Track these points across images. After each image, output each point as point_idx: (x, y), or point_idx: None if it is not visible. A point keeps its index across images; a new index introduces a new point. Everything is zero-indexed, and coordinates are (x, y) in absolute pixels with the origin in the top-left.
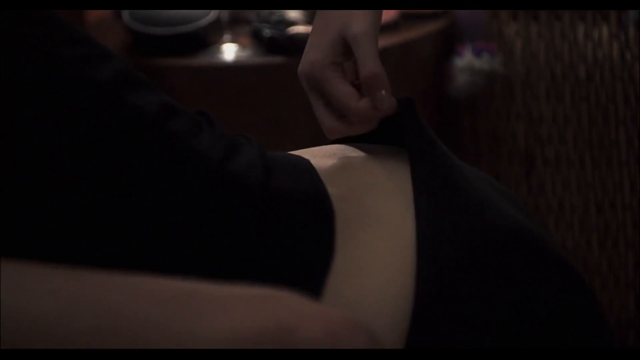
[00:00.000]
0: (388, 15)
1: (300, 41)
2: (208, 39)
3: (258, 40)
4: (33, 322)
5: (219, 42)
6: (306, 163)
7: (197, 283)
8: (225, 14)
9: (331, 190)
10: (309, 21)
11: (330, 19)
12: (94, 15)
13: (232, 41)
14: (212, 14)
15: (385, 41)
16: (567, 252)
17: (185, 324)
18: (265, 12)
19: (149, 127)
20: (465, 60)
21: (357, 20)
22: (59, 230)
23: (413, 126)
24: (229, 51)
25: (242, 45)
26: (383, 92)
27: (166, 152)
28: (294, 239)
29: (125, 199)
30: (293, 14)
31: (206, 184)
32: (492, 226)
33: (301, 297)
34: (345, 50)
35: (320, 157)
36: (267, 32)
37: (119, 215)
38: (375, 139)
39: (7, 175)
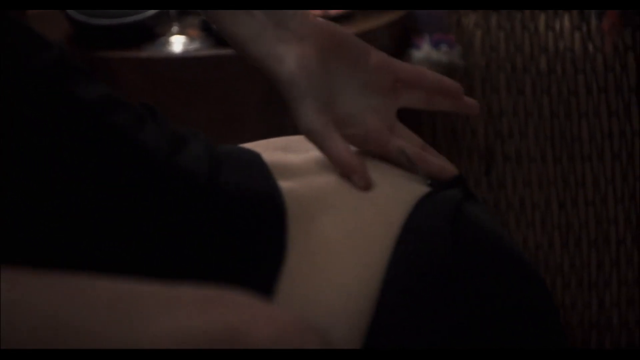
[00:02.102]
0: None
1: None
2: (155, 30)
3: (207, 32)
4: None
5: (166, 33)
6: (256, 156)
7: (138, 283)
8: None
9: (283, 184)
10: None
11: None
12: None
13: (180, 32)
14: None
15: None
16: (528, 252)
17: (125, 328)
18: None
19: (88, 119)
20: (423, 52)
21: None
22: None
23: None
24: (177, 43)
25: (190, 37)
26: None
27: (107, 146)
28: (244, 236)
29: (60, 196)
30: None
31: (151, 180)
32: (468, 226)
33: (250, 298)
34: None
35: (273, 149)
36: None
37: (55, 212)
38: None
39: None
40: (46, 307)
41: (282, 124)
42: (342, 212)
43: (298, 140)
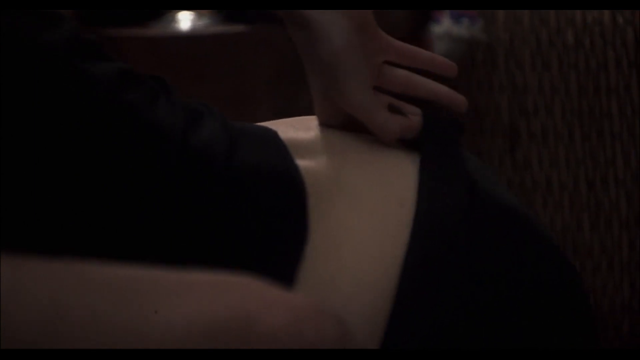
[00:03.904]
0: None
1: None
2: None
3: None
4: None
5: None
6: (273, 134)
7: (149, 269)
8: None
9: (301, 163)
10: None
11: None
12: None
13: None
14: None
15: None
16: (556, 233)
17: (135, 314)
18: None
19: (100, 97)
20: (443, 27)
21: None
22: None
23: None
24: (185, 19)
25: (199, 14)
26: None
27: (121, 125)
28: (265, 217)
29: (71, 177)
30: None
31: (166, 159)
32: (492, 206)
33: (264, 283)
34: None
35: (288, 127)
36: None
37: (66, 194)
38: None
39: None
40: (48, 292)
41: (293, 101)
42: (358, 193)
43: (303, 119)
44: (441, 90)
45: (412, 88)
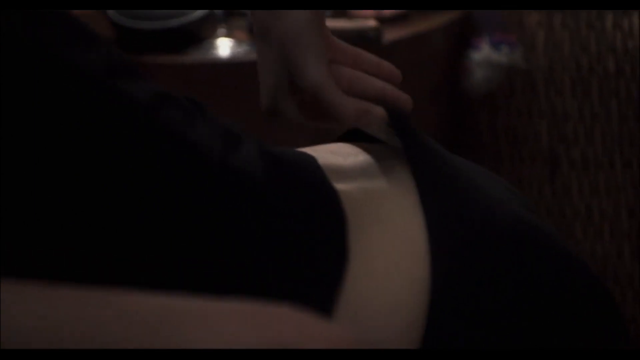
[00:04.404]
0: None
1: None
2: (200, 34)
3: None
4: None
5: (212, 36)
6: (312, 159)
7: (183, 298)
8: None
9: (339, 187)
10: None
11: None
12: None
13: (227, 35)
14: None
15: (394, 33)
16: (596, 262)
17: (161, 344)
18: None
19: (138, 118)
20: (483, 53)
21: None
22: (52, 229)
23: (402, 129)
24: (224, 46)
25: (238, 40)
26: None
27: (159, 145)
28: (303, 242)
29: (110, 197)
30: None
31: (206, 180)
32: (504, 224)
33: (302, 313)
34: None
35: (327, 153)
36: None
37: (104, 214)
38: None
39: None
40: (91, 323)
41: (327, 134)
42: (390, 218)
43: (341, 145)
44: (387, 87)
45: (358, 84)
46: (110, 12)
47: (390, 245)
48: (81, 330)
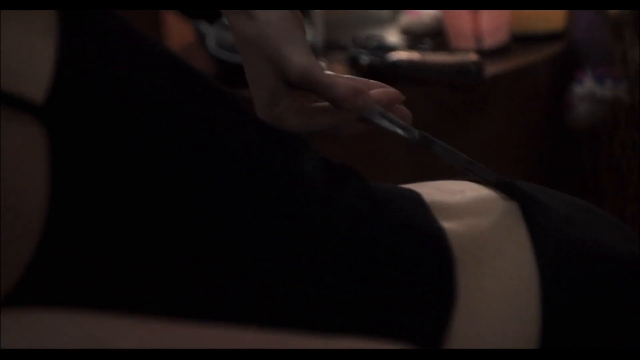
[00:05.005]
0: (498, 38)
1: (401, 68)
2: None
3: (355, 68)
4: None
5: None
6: (416, 194)
7: (288, 334)
8: (319, 39)
9: (446, 225)
10: (410, 46)
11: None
12: (175, 42)
13: (327, 68)
14: None
15: (495, 67)
16: None
17: None
18: (362, 37)
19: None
20: (586, 87)
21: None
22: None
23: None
24: None
25: (338, 73)
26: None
27: (265, 176)
28: (411, 281)
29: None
30: (392, 39)
31: (312, 215)
32: (618, 260)
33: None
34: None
35: (433, 190)
36: (365, 58)
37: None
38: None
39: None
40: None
41: (427, 163)
42: (500, 262)
43: (447, 182)
44: (371, 83)
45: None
46: (211, 46)
47: (499, 285)
48: None
